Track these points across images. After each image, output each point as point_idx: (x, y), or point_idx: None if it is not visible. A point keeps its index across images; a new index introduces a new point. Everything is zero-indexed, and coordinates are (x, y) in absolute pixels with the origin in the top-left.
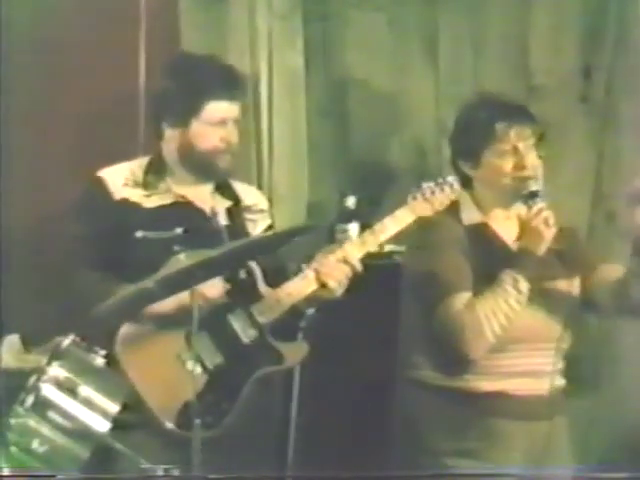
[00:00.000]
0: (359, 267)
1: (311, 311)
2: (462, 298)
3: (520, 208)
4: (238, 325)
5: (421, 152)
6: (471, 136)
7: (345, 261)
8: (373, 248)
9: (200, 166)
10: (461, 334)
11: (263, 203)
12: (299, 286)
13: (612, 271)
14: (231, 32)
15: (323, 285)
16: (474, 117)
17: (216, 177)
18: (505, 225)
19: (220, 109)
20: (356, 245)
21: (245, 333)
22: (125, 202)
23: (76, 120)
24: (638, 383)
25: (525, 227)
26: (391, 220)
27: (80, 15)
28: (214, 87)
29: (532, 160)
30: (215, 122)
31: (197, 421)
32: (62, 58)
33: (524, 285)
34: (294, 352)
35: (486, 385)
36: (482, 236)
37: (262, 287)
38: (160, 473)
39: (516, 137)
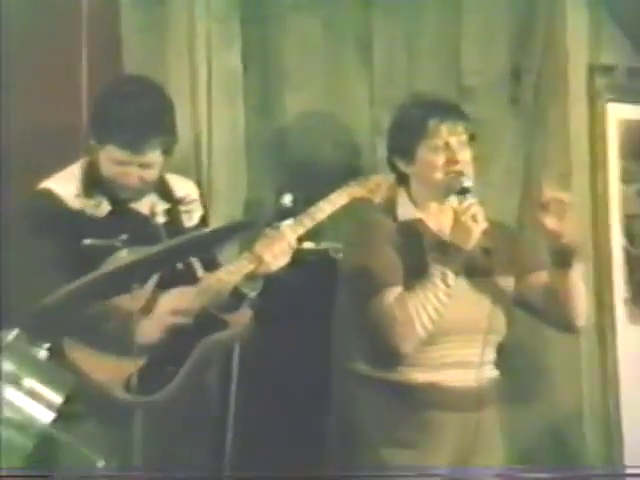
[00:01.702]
0: (294, 243)
1: (253, 294)
2: (393, 292)
3: (454, 202)
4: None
5: (356, 151)
6: (405, 133)
7: (281, 238)
8: (309, 226)
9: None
10: (392, 328)
11: (195, 192)
12: (238, 265)
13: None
14: (170, 34)
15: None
16: (408, 115)
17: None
18: (439, 220)
19: (116, 157)
20: (292, 225)
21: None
22: (79, 212)
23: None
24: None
25: (455, 222)
26: (326, 202)
27: (21, 15)
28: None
29: (464, 156)
30: (113, 163)
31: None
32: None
33: (452, 279)
34: (238, 318)
35: (419, 377)
36: (415, 231)
37: (200, 273)
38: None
39: (448, 133)
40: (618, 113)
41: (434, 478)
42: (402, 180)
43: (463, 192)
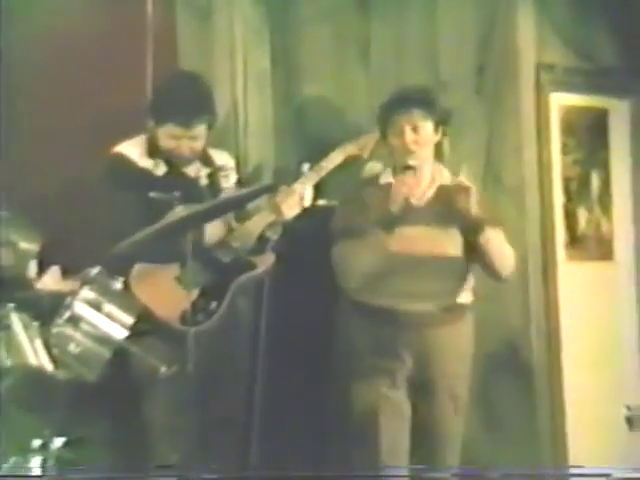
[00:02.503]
0: (304, 196)
1: (275, 237)
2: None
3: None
4: (219, 252)
5: (358, 131)
6: (382, 119)
7: (294, 192)
8: (315, 181)
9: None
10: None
11: (231, 162)
12: (262, 216)
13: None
14: (215, 39)
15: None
16: (382, 107)
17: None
18: (409, 186)
19: (173, 132)
20: (301, 181)
21: (225, 256)
22: (145, 169)
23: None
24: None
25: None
26: (326, 160)
27: (91, 30)
28: (173, 114)
29: (415, 139)
30: (169, 137)
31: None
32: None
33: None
34: (264, 261)
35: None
36: (386, 192)
37: (233, 224)
38: (164, 370)
39: (405, 121)
40: (559, 101)
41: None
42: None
43: (408, 168)
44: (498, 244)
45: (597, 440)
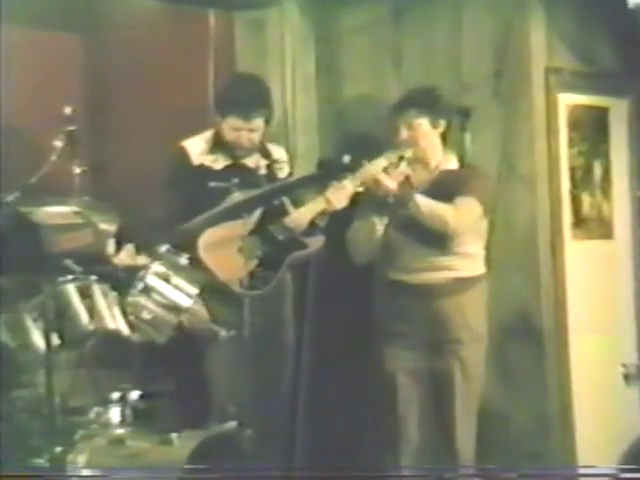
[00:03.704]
0: (351, 192)
1: (323, 224)
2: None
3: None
4: (275, 231)
5: (394, 128)
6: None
7: (343, 188)
8: (362, 181)
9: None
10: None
11: (285, 157)
12: (314, 205)
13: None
14: (268, 50)
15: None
16: (389, 109)
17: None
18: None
19: (235, 124)
20: (351, 179)
21: (281, 235)
22: (199, 166)
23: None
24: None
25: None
26: (373, 165)
27: (164, 40)
28: (234, 107)
29: (410, 135)
30: (232, 129)
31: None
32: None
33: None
34: (315, 242)
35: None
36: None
37: (290, 208)
38: (223, 334)
39: (400, 120)
40: (566, 100)
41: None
42: None
43: (401, 158)
44: (426, 206)
45: (598, 393)
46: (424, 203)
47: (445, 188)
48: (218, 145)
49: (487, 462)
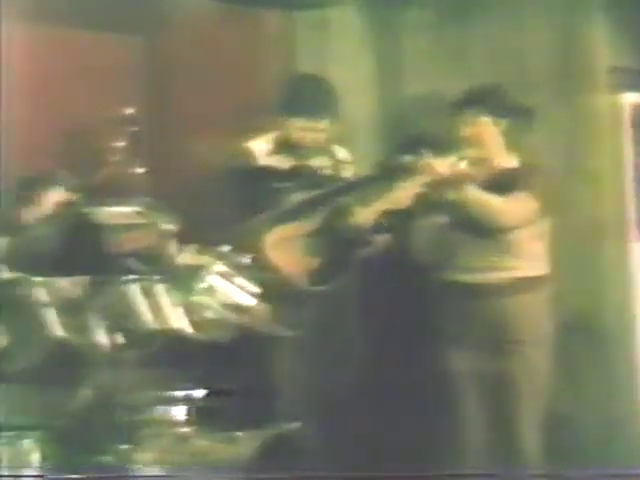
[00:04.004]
0: (414, 193)
1: (387, 223)
2: None
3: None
4: (340, 229)
5: (456, 125)
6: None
7: (407, 189)
8: (424, 182)
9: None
10: None
11: (348, 157)
12: (378, 205)
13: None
14: (328, 49)
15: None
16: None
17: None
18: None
19: (302, 125)
20: (414, 180)
21: (345, 233)
22: (264, 166)
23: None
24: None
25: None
26: (431, 164)
27: (229, 40)
28: (300, 108)
29: (472, 133)
30: (299, 130)
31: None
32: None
33: None
34: (379, 239)
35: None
36: None
37: (354, 208)
38: (286, 333)
39: (461, 119)
40: (630, 99)
41: None
42: None
43: (462, 158)
44: (476, 197)
45: None
46: (474, 194)
47: (504, 186)
48: (282, 146)
49: (553, 464)
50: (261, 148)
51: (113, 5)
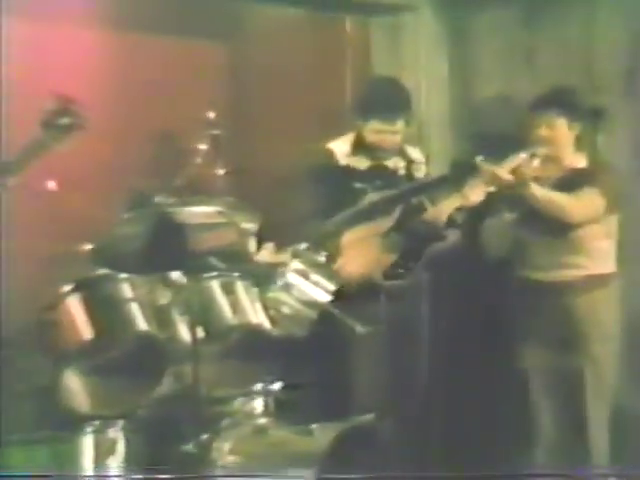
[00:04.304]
0: (486, 189)
1: (459, 219)
2: None
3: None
4: (415, 226)
5: (531, 125)
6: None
7: (479, 186)
8: (496, 179)
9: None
10: None
11: (421, 158)
12: (452, 201)
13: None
14: (403, 53)
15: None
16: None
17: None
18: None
19: (378, 127)
20: (485, 177)
21: (420, 230)
22: (345, 166)
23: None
24: None
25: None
26: (506, 162)
27: (306, 46)
28: (377, 111)
29: (550, 134)
30: (375, 132)
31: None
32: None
33: None
34: (452, 237)
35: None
36: None
37: (428, 206)
38: (360, 328)
39: (541, 120)
40: None
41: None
42: None
43: (533, 156)
44: (543, 194)
45: None
46: (541, 192)
47: (573, 184)
48: (359, 147)
49: (622, 463)
50: (339, 149)
51: (197, 12)
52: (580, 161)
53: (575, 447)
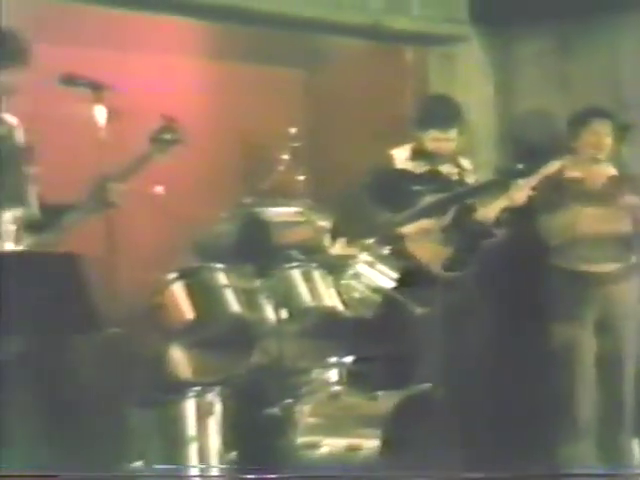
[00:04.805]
0: (528, 192)
1: (505, 218)
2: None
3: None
4: (467, 224)
5: (575, 135)
6: (576, 124)
7: (520, 188)
8: (536, 182)
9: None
10: None
11: (470, 166)
12: (498, 203)
13: None
14: (455, 76)
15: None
16: (579, 115)
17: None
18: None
19: (435, 136)
20: (527, 180)
21: (472, 227)
22: (403, 170)
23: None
24: None
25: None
26: (544, 168)
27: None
28: (435, 122)
29: (590, 140)
30: (432, 140)
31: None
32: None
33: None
34: (499, 233)
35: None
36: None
37: (478, 206)
38: (418, 310)
39: (597, 128)
40: None
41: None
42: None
43: (596, 161)
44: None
45: None
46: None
47: (607, 189)
48: (418, 154)
49: None
50: (401, 156)
51: (281, 44)
52: (610, 168)
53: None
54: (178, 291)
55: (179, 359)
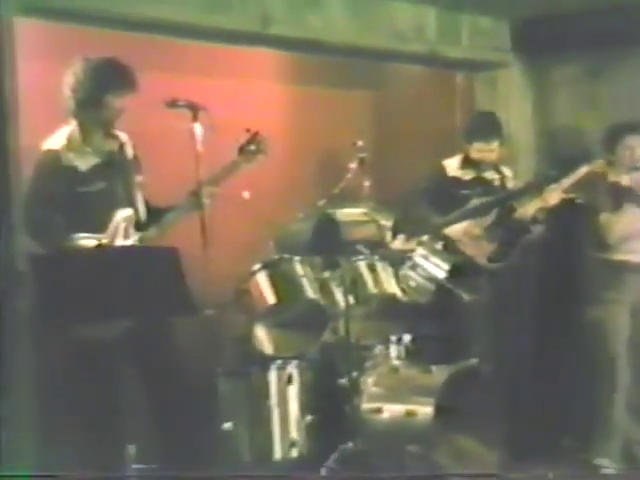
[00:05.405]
0: (561, 194)
1: (541, 217)
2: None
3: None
4: (509, 222)
5: (608, 147)
6: (613, 136)
7: (555, 191)
8: (569, 185)
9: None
10: None
11: (510, 173)
12: (533, 204)
13: None
14: (499, 97)
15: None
16: (617, 127)
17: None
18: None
19: (480, 147)
20: (560, 184)
21: (513, 225)
22: (456, 178)
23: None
24: None
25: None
26: (575, 173)
27: (423, 93)
28: (480, 135)
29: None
30: (477, 151)
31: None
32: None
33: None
34: (536, 230)
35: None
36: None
37: (518, 207)
38: (466, 297)
39: (631, 142)
40: None
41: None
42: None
43: (637, 169)
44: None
45: None
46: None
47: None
48: (466, 163)
49: None
50: (451, 165)
51: (351, 69)
52: (623, 177)
53: None
54: (262, 280)
55: (263, 337)
